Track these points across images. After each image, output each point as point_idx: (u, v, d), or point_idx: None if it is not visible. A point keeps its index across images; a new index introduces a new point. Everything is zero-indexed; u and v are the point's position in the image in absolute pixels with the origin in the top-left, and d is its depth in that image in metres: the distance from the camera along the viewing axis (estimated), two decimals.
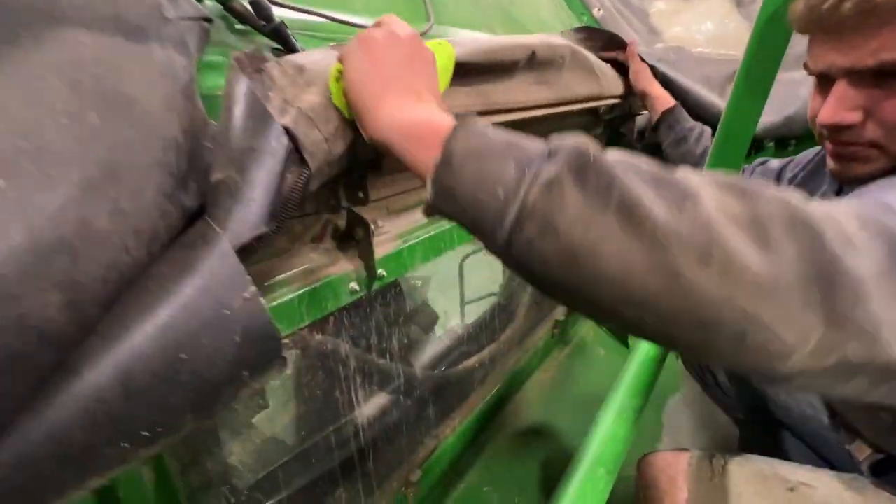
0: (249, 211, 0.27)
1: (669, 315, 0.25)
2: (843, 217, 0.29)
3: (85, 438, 0.19)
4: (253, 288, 0.25)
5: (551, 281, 0.27)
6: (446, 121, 0.31)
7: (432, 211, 0.31)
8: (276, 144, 0.29)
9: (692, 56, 1.23)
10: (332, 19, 0.51)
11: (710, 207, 0.26)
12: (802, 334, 0.25)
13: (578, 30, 1.03)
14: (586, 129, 1.04)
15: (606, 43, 1.02)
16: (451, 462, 0.91)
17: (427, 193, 0.30)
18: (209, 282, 0.23)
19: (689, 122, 0.97)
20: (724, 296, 0.24)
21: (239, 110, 0.28)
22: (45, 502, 0.19)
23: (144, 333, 0.21)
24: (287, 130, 0.33)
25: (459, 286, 1.50)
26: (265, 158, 0.28)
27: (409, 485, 0.75)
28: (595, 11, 1.23)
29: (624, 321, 0.26)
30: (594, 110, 0.96)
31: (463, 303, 1.50)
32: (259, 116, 0.29)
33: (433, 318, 1.37)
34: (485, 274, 1.31)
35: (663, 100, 0.98)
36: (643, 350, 0.61)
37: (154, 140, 0.23)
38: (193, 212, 0.27)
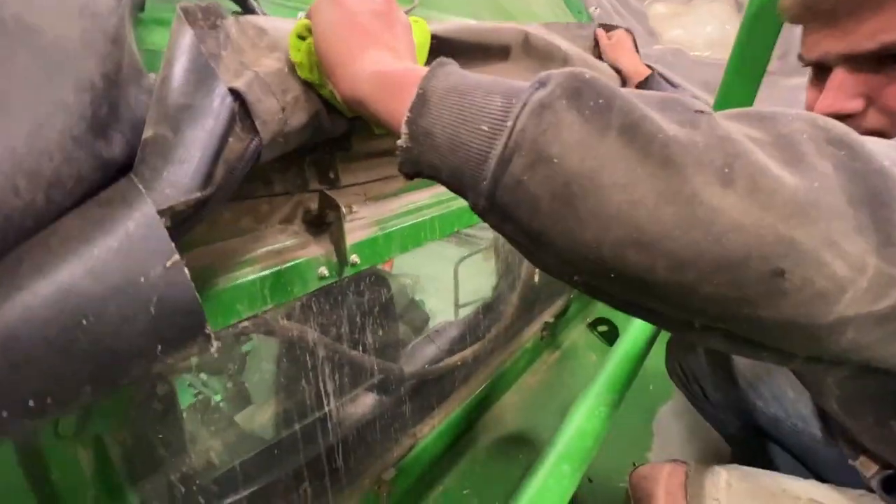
0: (181, 172, 0.24)
1: (687, 254, 0.20)
2: (878, 142, 0.24)
3: None
4: (176, 256, 0.22)
5: (541, 230, 0.22)
6: (427, 70, 0.27)
7: (407, 166, 0.27)
8: (219, 105, 0.27)
9: (690, 59, 1.22)
10: None
11: (726, 125, 0.22)
12: (855, 264, 0.21)
13: (578, 25, 1.02)
14: None
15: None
16: (430, 462, 0.89)
17: (400, 142, 0.26)
18: (123, 244, 0.21)
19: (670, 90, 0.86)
20: (753, 220, 0.20)
21: (179, 64, 0.26)
22: None
23: (38, 294, 0.19)
24: (238, 94, 0.31)
25: (455, 290, 1.49)
26: (204, 118, 0.26)
27: (381, 483, 0.72)
28: (592, 10, 1.22)
29: (630, 275, 0.22)
30: None
31: (457, 306, 1.48)
32: (201, 72, 0.26)
33: (424, 319, 1.35)
34: (479, 278, 1.29)
35: (635, 73, 0.86)
36: (623, 346, 0.58)
37: (61, 77, 0.20)
38: (119, 167, 0.24)
